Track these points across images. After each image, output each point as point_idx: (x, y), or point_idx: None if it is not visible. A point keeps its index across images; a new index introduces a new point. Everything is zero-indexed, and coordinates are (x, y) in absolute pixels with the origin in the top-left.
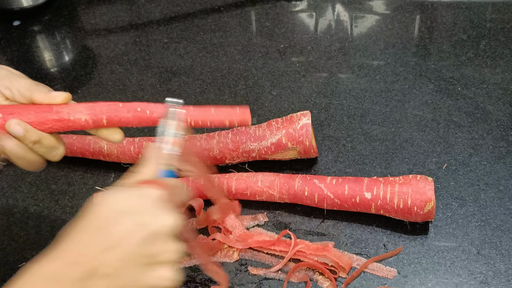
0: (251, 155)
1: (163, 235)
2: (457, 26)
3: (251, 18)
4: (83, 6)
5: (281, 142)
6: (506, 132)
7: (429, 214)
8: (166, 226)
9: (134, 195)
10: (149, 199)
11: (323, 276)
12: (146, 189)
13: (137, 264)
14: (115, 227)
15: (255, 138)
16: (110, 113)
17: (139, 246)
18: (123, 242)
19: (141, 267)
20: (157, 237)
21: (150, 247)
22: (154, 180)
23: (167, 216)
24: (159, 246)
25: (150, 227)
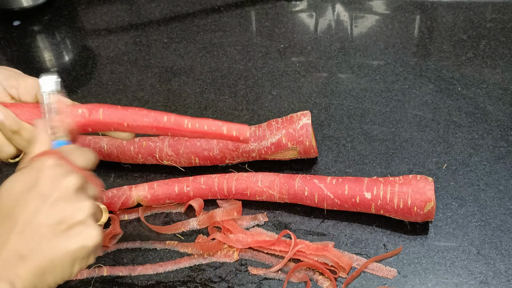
0: (251, 155)
1: (68, 196)
2: (457, 26)
3: (251, 18)
4: (83, 6)
5: (281, 142)
6: (506, 132)
7: (429, 214)
8: (69, 187)
9: (28, 171)
10: (44, 169)
11: (323, 276)
12: (38, 161)
13: (53, 234)
14: (19, 208)
15: (255, 138)
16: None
17: (47, 216)
18: (31, 219)
19: (59, 235)
20: (63, 200)
21: (59, 213)
22: (46, 151)
23: (66, 177)
24: (68, 208)
25: (53, 194)
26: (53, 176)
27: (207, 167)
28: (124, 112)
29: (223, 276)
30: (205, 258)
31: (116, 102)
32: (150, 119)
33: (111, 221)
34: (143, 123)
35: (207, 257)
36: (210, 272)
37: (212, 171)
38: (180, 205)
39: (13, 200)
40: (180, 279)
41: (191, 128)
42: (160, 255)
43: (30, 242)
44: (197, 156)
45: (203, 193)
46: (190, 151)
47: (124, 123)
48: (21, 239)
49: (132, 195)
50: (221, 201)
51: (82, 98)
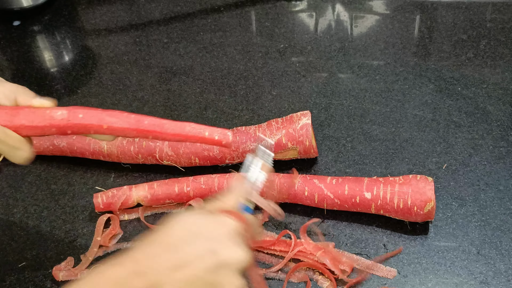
0: None
1: (231, 267)
2: (457, 26)
3: (251, 18)
4: (83, 6)
5: (281, 142)
6: (506, 132)
7: (429, 214)
8: (236, 259)
9: (212, 220)
10: (225, 229)
11: (323, 276)
12: (224, 217)
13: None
14: (187, 248)
15: (255, 138)
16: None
17: (205, 272)
18: (192, 264)
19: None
20: (225, 268)
21: (215, 276)
22: (233, 211)
23: (239, 249)
24: (224, 277)
25: (221, 257)
26: (231, 241)
27: (207, 167)
28: (104, 114)
29: None
30: None
31: (116, 102)
32: (130, 121)
33: (111, 221)
34: (123, 125)
35: None
36: None
37: (212, 171)
38: (180, 205)
39: (185, 237)
40: None
41: (172, 132)
42: None
43: (181, 282)
44: (197, 156)
45: (203, 193)
46: (190, 151)
47: (104, 125)
48: (175, 276)
49: (132, 195)
50: None
51: (82, 98)
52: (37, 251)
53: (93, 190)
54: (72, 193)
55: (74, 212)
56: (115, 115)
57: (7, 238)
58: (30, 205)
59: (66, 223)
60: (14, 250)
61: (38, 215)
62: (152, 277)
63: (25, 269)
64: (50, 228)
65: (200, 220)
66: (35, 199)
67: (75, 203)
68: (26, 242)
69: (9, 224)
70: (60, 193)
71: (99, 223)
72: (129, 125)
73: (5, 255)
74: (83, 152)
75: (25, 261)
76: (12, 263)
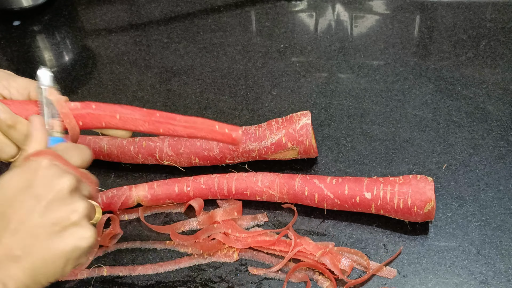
0: (251, 155)
1: (63, 197)
2: (457, 26)
3: (251, 18)
4: (83, 6)
5: (281, 142)
6: (506, 132)
7: (429, 214)
8: (63, 188)
9: (23, 171)
10: (38, 169)
11: (323, 276)
12: (33, 161)
13: (47, 235)
14: (13, 208)
15: (255, 138)
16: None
17: (41, 217)
18: (25, 219)
19: (53, 236)
20: (58, 201)
21: (53, 215)
22: (42, 150)
23: (61, 178)
24: (63, 209)
25: (48, 195)
26: (48, 177)
27: (207, 167)
28: (116, 107)
29: (223, 276)
30: (205, 258)
31: (116, 102)
32: (142, 113)
33: (111, 221)
34: (135, 116)
35: (207, 257)
36: (210, 272)
37: (212, 171)
38: (180, 205)
39: (6, 200)
40: (180, 279)
41: (183, 124)
42: (160, 255)
43: (23, 243)
44: (197, 156)
45: (203, 193)
46: (190, 151)
47: (116, 115)
48: (14, 240)
49: (132, 195)
50: (221, 201)
51: (82, 98)
52: None
53: None
54: None
55: None
56: (127, 108)
57: None
58: None
59: None
60: None
61: None
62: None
63: None
64: None
65: (12, 177)
66: None
67: None
68: None
69: None
70: None
71: (99, 223)
72: (141, 116)
73: None
74: None
75: None
76: None
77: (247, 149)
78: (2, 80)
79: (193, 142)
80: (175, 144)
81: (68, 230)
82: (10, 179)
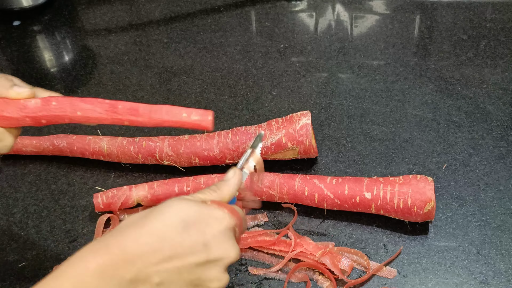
0: None
1: (220, 263)
2: (457, 26)
3: (251, 18)
4: (83, 6)
5: (281, 142)
6: (506, 132)
7: (429, 214)
8: (227, 256)
9: (205, 212)
10: (219, 223)
11: (323, 276)
12: (218, 210)
13: (187, 282)
14: (180, 239)
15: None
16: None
17: (195, 265)
18: (183, 256)
19: (188, 285)
20: (215, 263)
21: (204, 270)
22: (226, 204)
23: (230, 245)
24: (212, 272)
25: (213, 253)
26: (224, 238)
27: (207, 167)
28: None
29: None
30: None
31: None
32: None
33: (111, 221)
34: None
35: None
36: None
37: (212, 171)
38: None
39: (177, 226)
40: None
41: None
42: None
43: (171, 274)
44: (197, 156)
45: None
46: (190, 151)
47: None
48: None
49: (132, 195)
50: None
51: None
52: (37, 251)
53: (93, 190)
54: (72, 193)
55: (74, 212)
56: (89, 102)
57: (7, 238)
58: (30, 205)
59: (66, 223)
60: (14, 250)
61: (38, 215)
62: (142, 267)
63: (25, 269)
64: (50, 228)
65: (193, 210)
66: (35, 199)
67: (75, 203)
68: (26, 242)
69: (9, 224)
70: (60, 193)
71: (99, 223)
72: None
73: (5, 255)
74: (83, 152)
75: (25, 261)
76: (12, 263)
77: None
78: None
79: (193, 142)
80: (175, 144)
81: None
82: (187, 208)
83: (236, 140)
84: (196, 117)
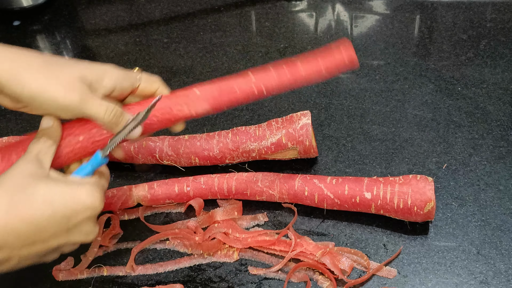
0: (251, 155)
1: (79, 243)
2: (457, 26)
3: (251, 18)
4: (83, 6)
5: (281, 142)
6: (506, 132)
7: (429, 214)
8: (86, 240)
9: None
10: (85, 212)
11: (323, 276)
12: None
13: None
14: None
15: (255, 138)
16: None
17: (56, 247)
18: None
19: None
20: (74, 244)
21: (62, 248)
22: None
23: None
24: (68, 248)
25: (75, 238)
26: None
27: (207, 167)
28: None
29: (223, 276)
30: (205, 258)
31: None
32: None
33: (111, 221)
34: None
35: (207, 257)
36: (210, 272)
37: (212, 171)
38: (180, 205)
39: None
40: (180, 279)
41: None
42: (160, 255)
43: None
44: (197, 156)
45: (203, 193)
46: (190, 151)
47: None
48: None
49: (132, 195)
50: (222, 201)
51: None
52: None
53: None
54: None
55: None
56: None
57: None
58: None
59: None
60: None
61: None
62: (5, 251)
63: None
64: None
65: (60, 196)
66: None
67: None
68: None
69: None
70: None
71: (99, 223)
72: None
73: None
74: None
75: None
76: None
77: (247, 149)
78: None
79: (193, 142)
80: (175, 144)
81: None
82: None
83: (236, 140)
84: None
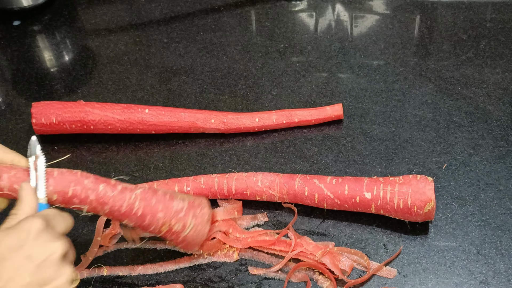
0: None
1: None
2: (457, 26)
3: (251, 18)
4: (83, 6)
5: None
6: (506, 132)
7: (429, 214)
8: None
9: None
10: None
11: (323, 276)
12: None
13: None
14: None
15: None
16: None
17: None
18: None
19: None
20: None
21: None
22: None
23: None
24: (53, 272)
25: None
26: (41, 239)
27: (207, 167)
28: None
29: (223, 276)
30: (205, 258)
31: (116, 101)
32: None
33: (111, 221)
34: None
35: (207, 257)
36: (210, 272)
37: (212, 171)
38: None
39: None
40: (180, 279)
41: None
42: (160, 255)
43: None
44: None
45: (203, 193)
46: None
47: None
48: None
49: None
50: (222, 201)
51: (82, 98)
52: None
53: None
54: None
55: (74, 212)
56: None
57: None
58: None
59: None
60: None
61: None
62: None
63: None
64: None
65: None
66: None
67: None
68: None
69: None
70: None
71: (99, 223)
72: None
73: None
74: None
75: None
76: None
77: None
78: None
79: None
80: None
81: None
82: (2, 239)
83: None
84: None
